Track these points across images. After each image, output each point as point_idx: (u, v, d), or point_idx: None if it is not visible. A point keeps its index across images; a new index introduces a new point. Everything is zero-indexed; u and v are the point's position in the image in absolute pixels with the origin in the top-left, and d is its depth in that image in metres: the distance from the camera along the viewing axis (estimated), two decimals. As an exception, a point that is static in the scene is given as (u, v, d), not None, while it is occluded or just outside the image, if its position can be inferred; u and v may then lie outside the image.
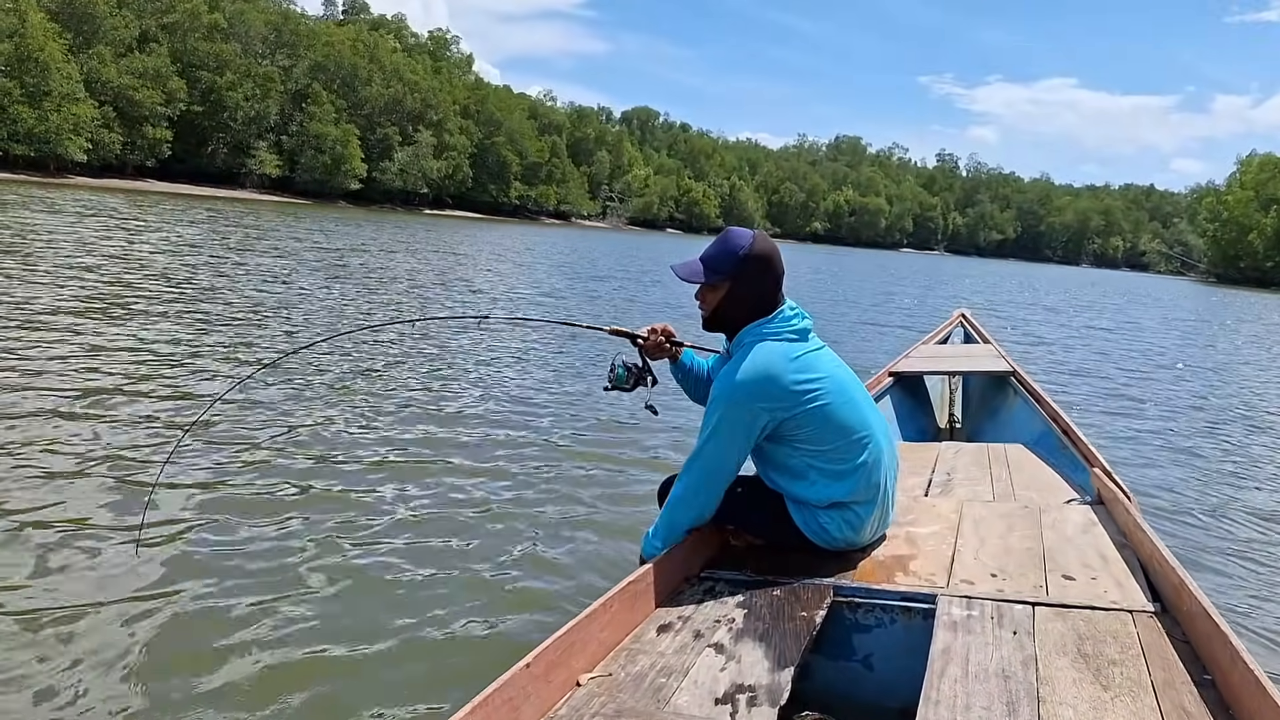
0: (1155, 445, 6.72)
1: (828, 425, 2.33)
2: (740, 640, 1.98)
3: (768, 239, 2.44)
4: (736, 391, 2.28)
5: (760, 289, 2.41)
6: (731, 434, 2.30)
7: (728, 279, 2.39)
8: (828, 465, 2.35)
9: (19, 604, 2.88)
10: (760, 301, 2.41)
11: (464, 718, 1.44)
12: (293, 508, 3.93)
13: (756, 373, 2.29)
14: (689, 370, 2.74)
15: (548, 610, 3.15)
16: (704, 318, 2.50)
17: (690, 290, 2.48)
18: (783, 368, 2.31)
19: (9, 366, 5.96)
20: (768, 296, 2.42)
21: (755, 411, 2.28)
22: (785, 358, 2.34)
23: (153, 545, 3.37)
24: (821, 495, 2.37)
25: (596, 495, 4.46)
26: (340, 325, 9.49)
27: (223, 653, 2.70)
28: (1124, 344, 15.74)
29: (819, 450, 2.34)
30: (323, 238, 25.81)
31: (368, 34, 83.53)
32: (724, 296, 2.42)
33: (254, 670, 2.63)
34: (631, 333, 2.66)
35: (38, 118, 52.81)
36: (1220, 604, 2.37)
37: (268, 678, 2.59)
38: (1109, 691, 1.70)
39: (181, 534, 3.51)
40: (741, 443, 2.32)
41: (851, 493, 2.36)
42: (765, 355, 2.33)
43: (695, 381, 2.74)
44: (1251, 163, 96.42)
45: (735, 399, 2.29)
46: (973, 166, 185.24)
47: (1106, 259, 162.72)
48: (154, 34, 64.99)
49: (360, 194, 74.71)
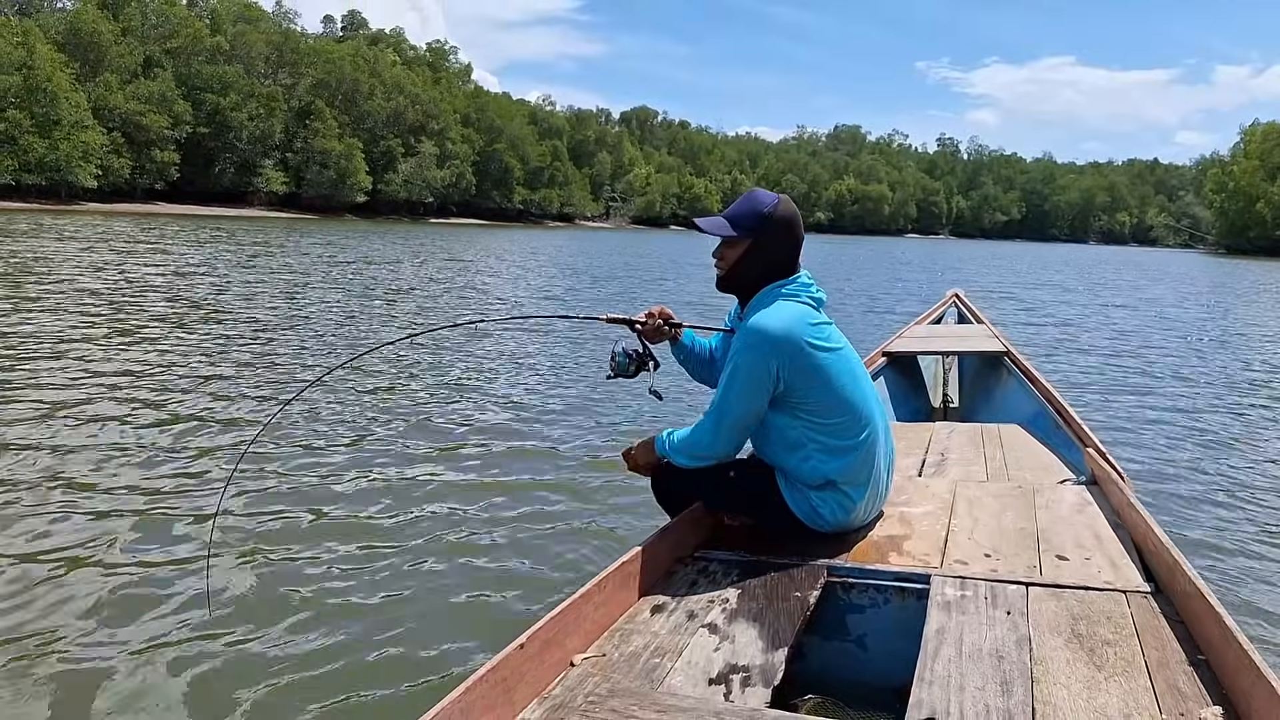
0: (1151, 424, 6.66)
1: (833, 398, 2.32)
2: (734, 621, 1.98)
3: (791, 203, 2.43)
4: (758, 339, 2.26)
5: (780, 251, 2.40)
6: (750, 381, 2.29)
7: (749, 236, 2.38)
8: (825, 439, 2.33)
9: (89, 641, 2.81)
10: (778, 264, 2.40)
11: (458, 698, 1.45)
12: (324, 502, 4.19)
13: (779, 325, 2.28)
14: (691, 351, 2.68)
15: (541, 590, 3.19)
16: (719, 276, 2.47)
17: (693, 277, 2.61)
18: (803, 328, 2.31)
19: (30, 397, 5.96)
20: (786, 260, 2.41)
21: (773, 363, 2.27)
22: (804, 319, 2.33)
23: (221, 570, 3.34)
24: (815, 471, 2.34)
25: (594, 478, 4.64)
26: (356, 340, 9.73)
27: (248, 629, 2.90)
28: (1141, 322, 15.41)
29: (819, 423, 2.32)
30: (334, 251, 26.11)
31: (367, 49, 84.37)
32: (743, 254, 2.40)
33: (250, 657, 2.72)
34: (629, 319, 2.60)
35: (48, 147, 53.68)
36: (1214, 584, 2.33)
37: (262, 664, 2.68)
38: (1103, 671, 1.71)
39: (248, 556, 3.50)
40: (760, 390, 2.30)
41: (844, 472, 2.34)
42: (788, 311, 2.33)
43: (698, 362, 2.70)
44: (1255, 132, 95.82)
45: (757, 347, 2.26)
46: (974, 149, 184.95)
47: (1114, 235, 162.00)
48: (158, 59, 65.90)
49: (366, 206, 75.47)
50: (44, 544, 3.55)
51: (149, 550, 3.55)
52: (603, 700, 1.62)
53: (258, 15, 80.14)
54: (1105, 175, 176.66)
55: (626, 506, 4.18)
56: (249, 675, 2.64)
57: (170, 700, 2.53)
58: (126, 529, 3.75)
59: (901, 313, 14.13)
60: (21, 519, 3.80)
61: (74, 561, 3.39)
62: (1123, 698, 1.62)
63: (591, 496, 4.38)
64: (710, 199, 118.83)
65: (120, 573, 3.31)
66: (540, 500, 4.32)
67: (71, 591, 3.14)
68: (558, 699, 1.63)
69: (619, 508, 4.20)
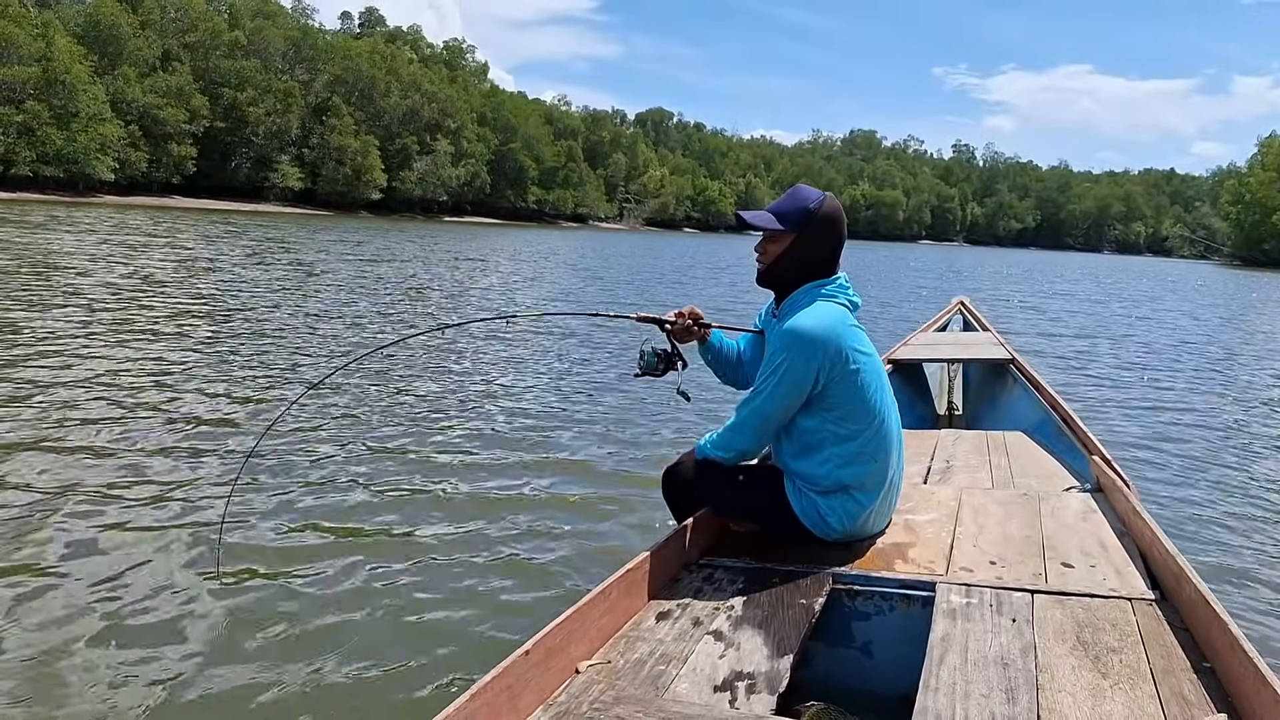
0: (1155, 432, 6.64)
1: (861, 404, 2.32)
2: (739, 628, 1.98)
3: (836, 202, 2.41)
4: (801, 340, 2.26)
5: (822, 249, 2.39)
6: (791, 380, 2.28)
7: (793, 232, 2.36)
8: (846, 444, 2.33)
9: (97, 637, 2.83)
10: (819, 262, 2.40)
11: (463, 705, 1.45)
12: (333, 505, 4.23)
13: (822, 326, 2.28)
14: (719, 351, 2.68)
15: (547, 597, 3.21)
16: (759, 271, 2.46)
17: (709, 280, 2.57)
18: (843, 330, 2.31)
19: (37, 394, 5.87)
20: (827, 259, 2.41)
21: (814, 363, 2.26)
22: (844, 322, 2.34)
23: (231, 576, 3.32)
24: (830, 476, 2.34)
25: (599, 483, 4.67)
26: (377, 336, 9.74)
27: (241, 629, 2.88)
28: (1150, 330, 15.50)
29: (843, 428, 2.32)
30: (350, 248, 26.28)
31: (384, 46, 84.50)
32: (786, 249, 2.38)
33: (250, 657, 2.74)
34: (658, 318, 2.61)
35: (66, 139, 53.94)
36: (1219, 592, 2.35)
37: (266, 668, 2.68)
38: (1108, 679, 1.71)
39: (254, 563, 3.46)
40: (800, 390, 2.29)
41: (858, 478, 2.34)
42: (829, 312, 2.33)
43: (725, 362, 2.70)
44: (1273, 144, 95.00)
45: (799, 347, 2.26)
46: (989, 156, 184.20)
47: (1129, 245, 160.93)
48: (176, 53, 66.19)
49: (381, 203, 75.57)
50: (38, 549, 3.48)
51: (150, 549, 3.53)
52: (608, 707, 1.62)
53: (276, 10, 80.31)
54: (1121, 185, 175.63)
55: (632, 512, 4.18)
56: (253, 679, 2.63)
57: (172, 702, 2.51)
58: (127, 525, 3.75)
59: (914, 320, 14.08)
60: (18, 516, 3.76)
61: (73, 567, 3.35)
62: (1128, 705, 1.62)
63: (597, 502, 4.37)
64: (724, 202, 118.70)
65: (121, 575, 3.29)
66: (544, 504, 4.32)
67: (70, 600, 3.08)
68: (563, 706, 1.63)
69: (624, 513, 4.18)
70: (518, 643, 1.65)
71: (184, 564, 3.42)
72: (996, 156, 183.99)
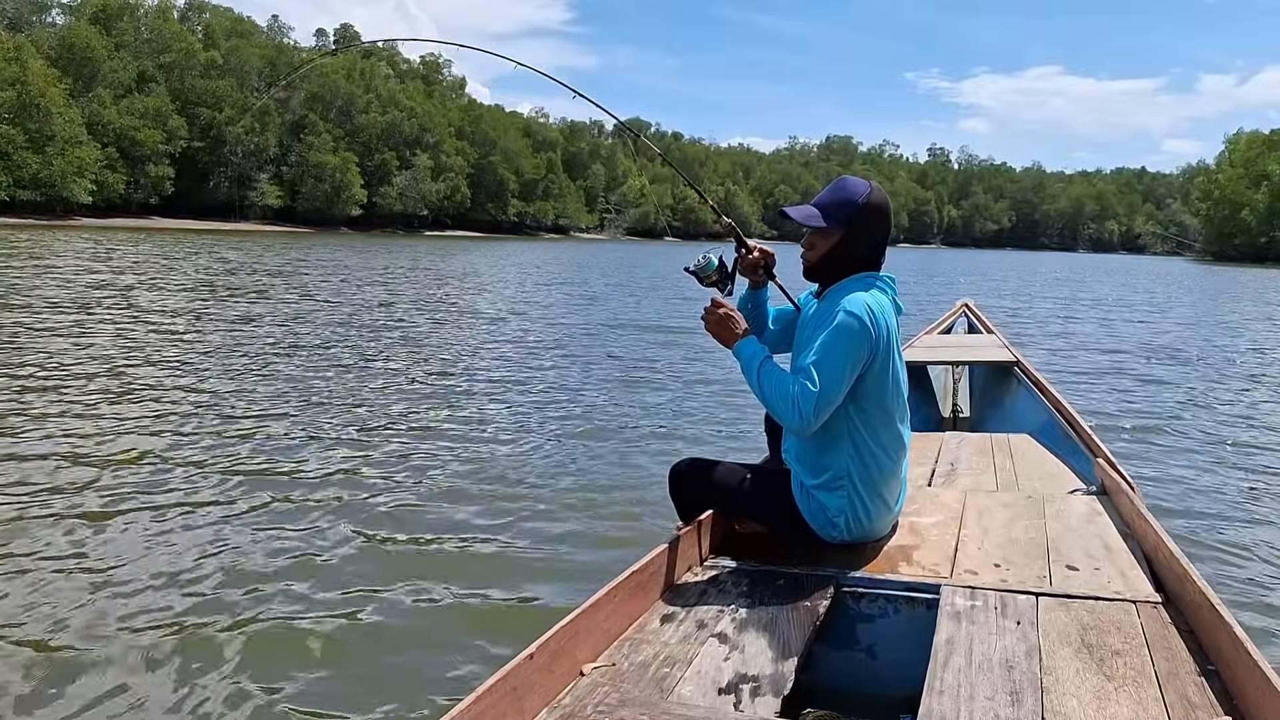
0: (1160, 434, 6.56)
1: (886, 399, 2.32)
2: (744, 630, 1.99)
3: (883, 191, 2.38)
4: (859, 317, 2.22)
5: (871, 242, 2.36)
6: (849, 355, 2.22)
7: (842, 227, 2.32)
8: (864, 440, 2.32)
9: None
10: (868, 256, 2.37)
11: (468, 707, 1.45)
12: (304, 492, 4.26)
13: (879, 307, 2.27)
14: (758, 305, 2.67)
15: (551, 599, 3.19)
16: (806, 265, 2.43)
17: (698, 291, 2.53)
18: (891, 320, 2.31)
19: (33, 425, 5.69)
20: (875, 251, 2.39)
21: (867, 341, 2.23)
22: (892, 313, 2.33)
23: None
24: (842, 470, 2.33)
25: (603, 484, 4.67)
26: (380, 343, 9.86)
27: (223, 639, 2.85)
28: (1149, 331, 14.98)
29: (865, 421, 2.31)
30: (332, 266, 26.01)
31: (361, 62, 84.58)
32: (835, 244, 2.35)
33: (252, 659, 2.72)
34: (744, 239, 2.62)
35: (42, 162, 53.70)
36: (1224, 594, 2.35)
37: (265, 668, 2.68)
38: (1113, 682, 1.71)
39: (258, 565, 3.47)
40: (855, 366, 2.24)
41: (868, 477, 2.34)
42: (883, 299, 2.32)
43: (757, 317, 2.67)
44: (1239, 140, 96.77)
45: (857, 322, 2.21)
46: (964, 159, 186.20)
47: (1103, 243, 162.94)
48: (152, 74, 66.10)
49: (361, 219, 75.62)
50: (28, 559, 3.45)
51: (150, 552, 3.55)
52: (612, 710, 1.62)
53: (251, 30, 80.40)
54: (1094, 184, 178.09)
55: (636, 514, 4.20)
56: (259, 682, 2.63)
57: (174, 704, 2.53)
58: (118, 535, 3.73)
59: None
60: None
61: (72, 569, 3.35)
62: (1132, 708, 1.63)
63: (601, 504, 4.37)
64: (704, 210, 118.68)
65: (122, 576, 3.30)
66: (548, 504, 4.34)
67: (66, 608, 3.05)
68: (568, 709, 1.64)
69: (630, 513, 4.21)
70: (522, 645, 1.66)
71: (185, 563, 3.44)
72: (971, 159, 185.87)
